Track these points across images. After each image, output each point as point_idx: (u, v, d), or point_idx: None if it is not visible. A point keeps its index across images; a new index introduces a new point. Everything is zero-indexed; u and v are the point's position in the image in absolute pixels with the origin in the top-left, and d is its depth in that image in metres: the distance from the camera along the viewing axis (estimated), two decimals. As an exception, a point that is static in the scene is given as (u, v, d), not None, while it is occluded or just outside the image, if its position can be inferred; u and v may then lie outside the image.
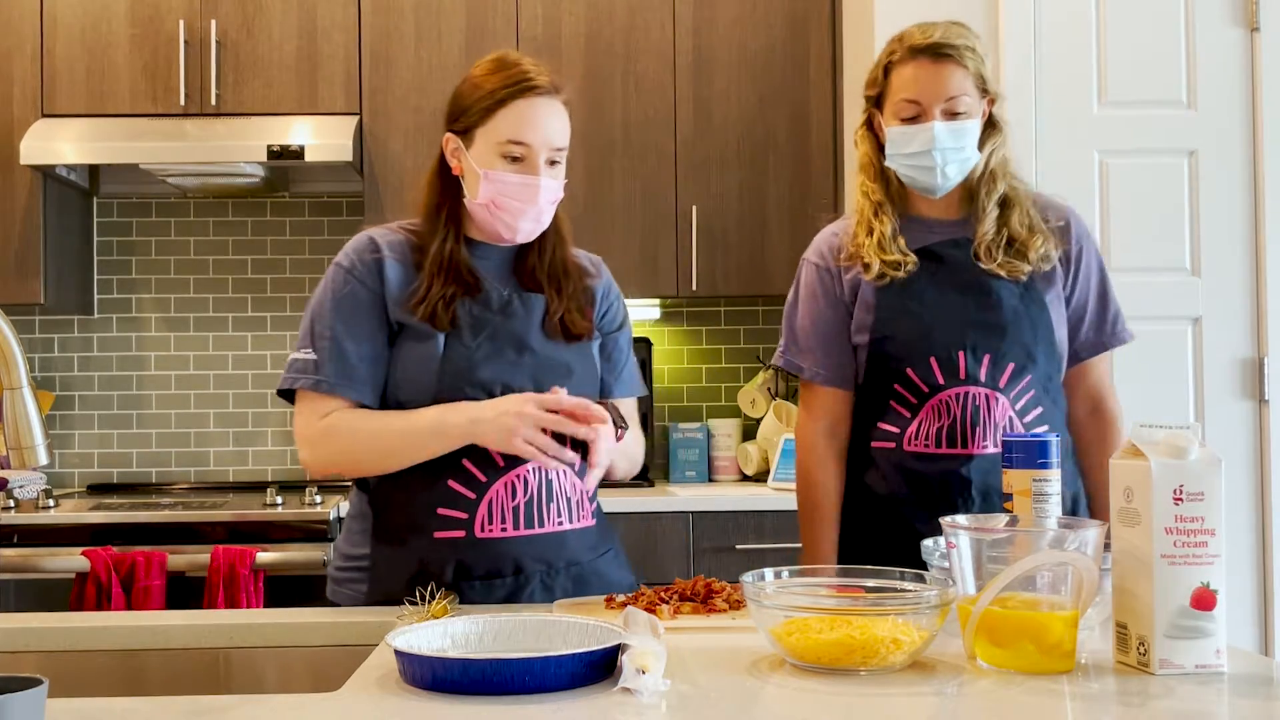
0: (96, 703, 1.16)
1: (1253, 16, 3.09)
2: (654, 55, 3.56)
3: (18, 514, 3.12)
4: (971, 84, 1.89)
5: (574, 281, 1.81)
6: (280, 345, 3.87)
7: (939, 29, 1.90)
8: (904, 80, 1.90)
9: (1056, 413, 1.94)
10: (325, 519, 3.12)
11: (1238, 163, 3.10)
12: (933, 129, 1.88)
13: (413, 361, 1.70)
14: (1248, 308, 3.08)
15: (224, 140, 3.40)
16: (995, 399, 1.89)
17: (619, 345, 1.90)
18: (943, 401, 1.90)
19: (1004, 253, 1.92)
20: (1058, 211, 1.99)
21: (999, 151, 1.96)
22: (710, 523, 3.19)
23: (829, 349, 2.02)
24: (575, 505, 1.75)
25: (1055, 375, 1.95)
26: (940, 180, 1.92)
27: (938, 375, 1.90)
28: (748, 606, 1.30)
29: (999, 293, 1.91)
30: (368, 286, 1.74)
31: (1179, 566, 1.21)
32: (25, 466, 1.45)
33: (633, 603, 1.53)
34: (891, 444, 1.95)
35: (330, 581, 1.80)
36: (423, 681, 1.18)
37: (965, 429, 1.89)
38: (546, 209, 1.74)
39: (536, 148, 1.71)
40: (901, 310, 1.94)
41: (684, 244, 3.54)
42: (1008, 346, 1.90)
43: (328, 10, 3.53)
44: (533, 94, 1.71)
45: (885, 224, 1.96)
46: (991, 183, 1.95)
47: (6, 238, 3.46)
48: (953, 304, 1.92)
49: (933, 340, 1.91)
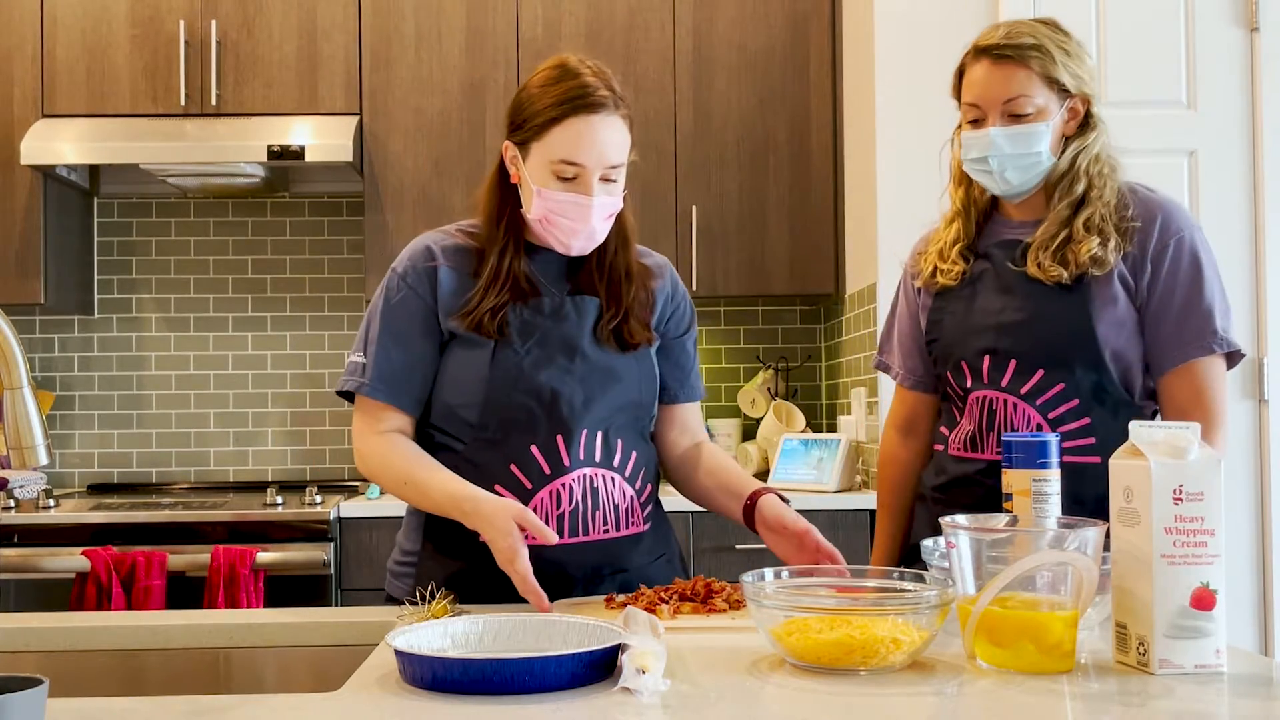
0: (96, 703, 1.16)
1: (1253, 16, 3.09)
2: (654, 55, 3.56)
3: (18, 514, 3.12)
4: (1038, 84, 1.81)
5: (635, 286, 1.77)
6: (280, 345, 3.87)
7: (1005, 29, 1.85)
8: (969, 83, 1.87)
9: (1116, 425, 1.77)
10: (325, 519, 3.12)
11: (1238, 163, 3.10)
12: (989, 135, 1.83)
13: (464, 367, 1.71)
14: (1248, 308, 3.08)
15: (224, 140, 3.40)
16: (1015, 405, 1.83)
17: (685, 349, 1.88)
18: (970, 405, 1.90)
19: (1051, 255, 1.82)
20: (1143, 209, 1.85)
21: (1088, 151, 1.85)
22: (710, 523, 3.19)
23: (907, 351, 2.05)
24: (625, 513, 1.74)
25: (1110, 385, 1.81)
26: (1002, 185, 1.86)
27: (967, 378, 1.90)
28: (748, 606, 1.30)
29: (1032, 296, 1.83)
30: (419, 295, 1.73)
31: (1179, 566, 1.21)
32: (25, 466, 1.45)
33: (633, 603, 1.53)
34: (942, 446, 1.98)
35: (388, 574, 1.83)
36: (423, 681, 1.18)
37: (982, 433, 1.88)
38: (600, 226, 1.71)
39: (590, 167, 1.65)
40: (943, 312, 1.95)
41: (684, 244, 3.54)
42: (1034, 352, 1.82)
43: (328, 10, 3.53)
44: (588, 112, 1.64)
45: (951, 232, 1.95)
46: (1071, 184, 1.85)
47: (6, 238, 3.46)
48: (983, 307, 1.89)
49: (961, 343, 1.90)
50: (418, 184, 3.54)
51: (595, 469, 1.71)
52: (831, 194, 3.57)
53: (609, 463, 1.72)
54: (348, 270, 3.88)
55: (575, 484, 1.69)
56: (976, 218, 1.95)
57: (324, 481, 3.72)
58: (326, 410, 3.87)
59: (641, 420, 1.78)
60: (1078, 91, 1.85)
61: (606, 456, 1.72)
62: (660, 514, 1.85)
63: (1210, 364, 1.82)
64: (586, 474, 1.70)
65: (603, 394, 1.72)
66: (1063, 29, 1.88)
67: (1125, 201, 1.86)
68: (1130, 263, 1.82)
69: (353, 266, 3.87)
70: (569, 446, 1.69)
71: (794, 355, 3.93)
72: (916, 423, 2.06)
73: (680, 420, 1.88)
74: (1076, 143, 1.86)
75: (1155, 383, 1.85)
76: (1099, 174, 1.85)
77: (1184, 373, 1.82)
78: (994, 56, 1.83)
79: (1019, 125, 1.82)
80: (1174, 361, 1.82)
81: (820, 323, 3.95)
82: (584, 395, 1.70)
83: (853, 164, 3.46)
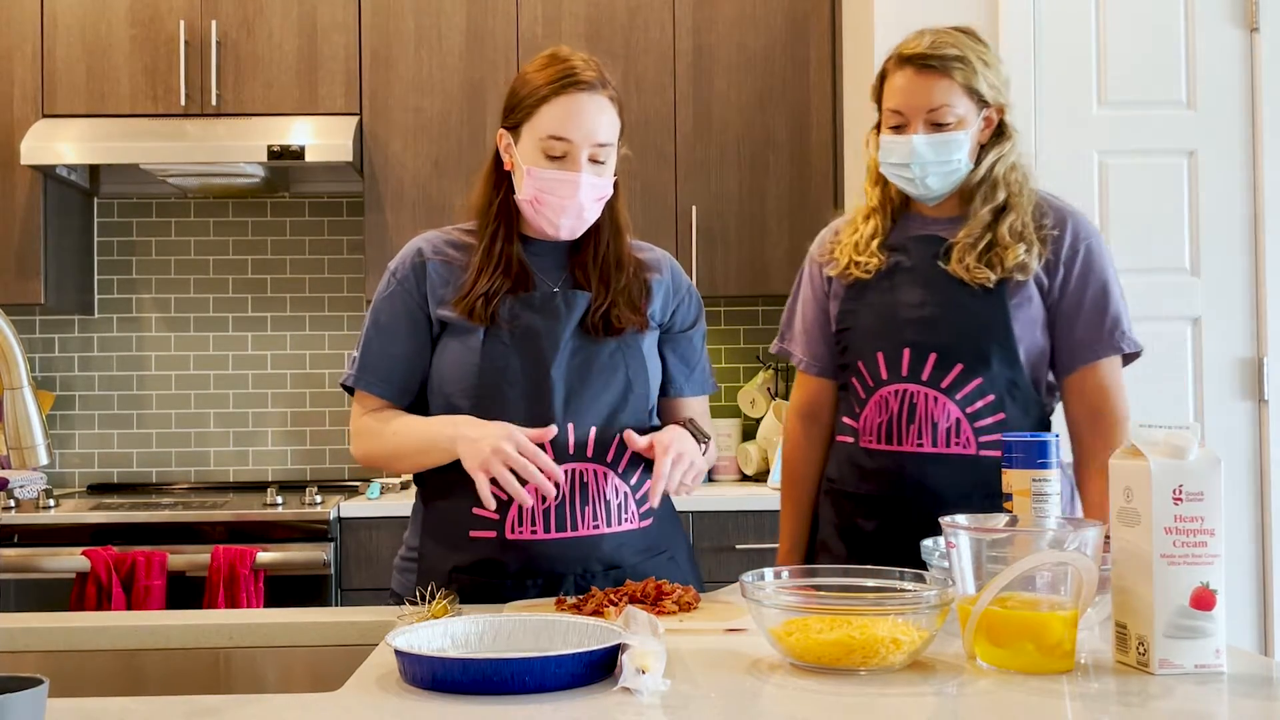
0: (96, 703, 1.16)
1: (1253, 16, 3.09)
2: (654, 55, 3.56)
3: (18, 514, 3.12)
4: (960, 95, 1.87)
5: (625, 275, 1.79)
6: (280, 345, 3.87)
7: (929, 38, 1.89)
8: (892, 90, 1.92)
9: (1027, 420, 1.89)
10: (325, 519, 3.12)
11: (1238, 163, 3.09)
12: (911, 142, 1.88)
13: (454, 357, 1.74)
14: (1247, 308, 3.08)
15: (224, 140, 3.40)
16: (935, 398, 1.88)
17: (692, 344, 1.90)
18: (884, 397, 1.92)
19: (977, 258, 1.89)
20: (1057, 217, 1.94)
21: (1005, 160, 1.93)
22: (710, 522, 3.19)
23: (812, 338, 2.08)
24: (618, 509, 1.74)
25: (1022, 384, 1.89)
26: (922, 190, 1.92)
27: (882, 370, 1.93)
28: (748, 606, 1.30)
29: (956, 294, 1.89)
30: (406, 289, 1.79)
31: (1179, 566, 1.21)
32: (25, 466, 1.45)
33: (581, 605, 1.53)
34: (850, 438, 1.99)
35: (394, 570, 1.86)
36: (423, 681, 1.18)
37: (901, 425, 1.90)
38: (588, 206, 1.73)
39: (578, 143, 1.70)
40: (859, 302, 1.97)
41: (684, 244, 3.54)
42: (955, 347, 1.88)
43: (328, 10, 3.53)
44: (575, 89, 1.69)
45: (869, 227, 1.99)
46: (990, 190, 1.92)
47: (6, 238, 3.46)
48: (905, 300, 1.93)
49: (881, 335, 1.93)
50: (418, 184, 3.54)
51: (586, 464, 1.71)
52: (831, 194, 3.56)
53: (602, 458, 1.72)
54: (348, 270, 3.88)
55: (562, 479, 1.69)
56: (893, 215, 2.01)
57: (324, 481, 3.72)
58: (326, 410, 3.87)
59: (639, 414, 1.78)
60: (994, 101, 1.92)
61: (600, 452, 1.72)
62: (668, 512, 1.85)
63: (1115, 363, 1.94)
64: (576, 468, 1.71)
65: (589, 387, 1.73)
66: (981, 39, 1.94)
67: (1042, 209, 1.95)
68: (1045, 266, 1.91)
69: (353, 266, 3.87)
70: (555, 440, 1.69)
71: (794, 355, 3.93)
72: (820, 410, 2.09)
73: (683, 414, 1.88)
74: (994, 151, 1.93)
75: (1060, 379, 1.95)
76: (1017, 182, 1.94)
77: (1091, 371, 1.92)
78: (919, 66, 1.88)
79: (940, 134, 1.89)
80: (1084, 360, 1.92)
81: (820, 323, 3.95)
82: (568, 388, 1.71)
83: (852, 164, 3.45)
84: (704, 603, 1.60)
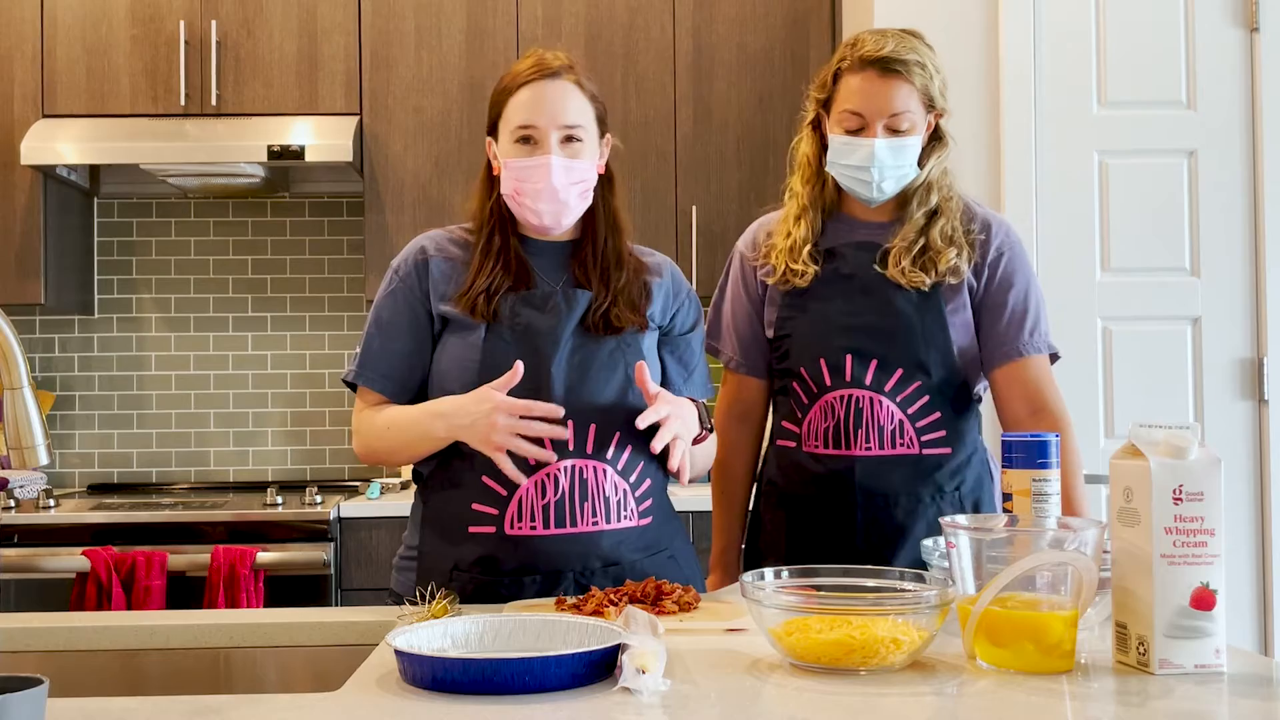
0: (96, 703, 1.16)
1: (1253, 17, 3.09)
2: (654, 55, 3.56)
3: (18, 514, 3.12)
4: (917, 100, 1.88)
5: (625, 275, 1.81)
6: (280, 345, 3.87)
7: (890, 41, 1.88)
8: (850, 90, 1.90)
9: (960, 421, 1.93)
10: (325, 519, 3.12)
11: (1238, 163, 3.10)
12: (874, 146, 1.87)
13: (455, 354, 1.75)
14: (1247, 308, 3.08)
15: (224, 140, 3.40)
16: (879, 402, 1.89)
17: (691, 347, 1.91)
18: (829, 403, 1.92)
19: (912, 261, 1.90)
20: (982, 222, 1.97)
21: (940, 165, 1.95)
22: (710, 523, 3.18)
23: (742, 337, 2.06)
24: (617, 506, 1.74)
25: (955, 383, 1.92)
26: (876, 194, 1.92)
27: (825, 376, 1.92)
28: (748, 606, 1.30)
29: (894, 300, 1.90)
30: (408, 286, 1.80)
31: (1179, 566, 1.21)
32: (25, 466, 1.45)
33: (581, 605, 1.53)
34: (793, 443, 1.99)
35: (393, 570, 1.86)
36: (423, 681, 1.18)
37: (848, 430, 1.91)
38: (564, 189, 1.74)
39: (544, 127, 1.74)
40: (799, 310, 1.97)
41: (684, 244, 3.54)
42: (895, 352, 1.89)
43: (328, 10, 3.53)
44: (539, 79, 1.74)
45: (802, 229, 1.98)
46: (926, 194, 1.93)
47: (6, 238, 3.46)
48: (845, 308, 1.93)
49: (822, 342, 1.93)
50: (418, 184, 3.54)
51: (585, 460, 1.71)
52: (831, 194, 3.56)
53: (602, 455, 1.73)
54: (348, 270, 3.88)
55: (562, 474, 1.70)
56: (824, 216, 2.00)
57: (324, 481, 3.72)
58: (326, 410, 3.87)
59: (637, 412, 1.77)
60: (939, 107, 1.93)
61: (599, 449, 1.73)
62: (667, 511, 1.85)
63: (1044, 361, 1.96)
64: (575, 465, 1.71)
65: (588, 384, 1.73)
66: (927, 41, 1.95)
67: (970, 214, 1.97)
68: (973, 268, 1.94)
69: (353, 266, 3.87)
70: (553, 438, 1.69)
71: (794, 355, 3.93)
72: (751, 408, 2.10)
73: None
74: (934, 156, 1.95)
75: (989, 374, 1.96)
76: (948, 186, 1.97)
77: (1024, 368, 1.94)
78: (881, 69, 1.87)
79: (900, 138, 1.89)
80: (1008, 356, 1.93)
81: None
82: (567, 385, 1.72)
83: (853, 164, 3.46)
84: (704, 603, 1.60)
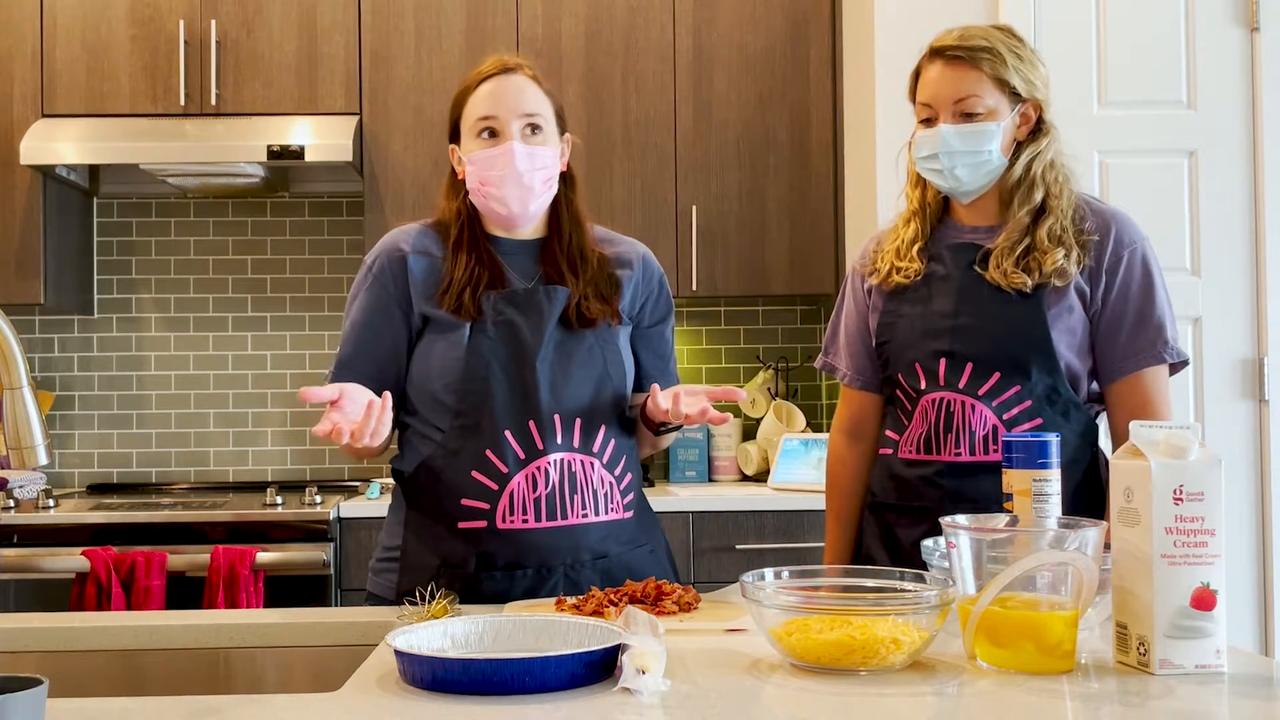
0: (96, 703, 1.16)
1: (1253, 16, 3.09)
2: (654, 55, 3.56)
3: (18, 514, 3.12)
4: (989, 85, 1.85)
5: (591, 268, 1.82)
6: (280, 345, 3.87)
7: (959, 31, 1.88)
8: (922, 84, 1.91)
9: (1067, 426, 1.85)
10: (325, 519, 3.12)
11: (1238, 163, 3.09)
12: (940, 132, 1.86)
13: (440, 353, 1.76)
14: (1248, 308, 3.08)
15: (224, 140, 3.40)
16: (973, 406, 1.85)
17: (664, 337, 1.93)
18: (924, 408, 1.90)
19: (1014, 263, 1.85)
20: (1099, 221, 1.89)
21: (1042, 157, 1.89)
22: (710, 523, 3.18)
23: (855, 352, 2.06)
24: (604, 498, 1.76)
25: (1062, 389, 1.85)
26: (951, 182, 1.89)
27: (921, 380, 1.90)
28: (748, 606, 1.30)
29: (990, 301, 1.86)
30: (384, 284, 1.81)
31: (1179, 566, 1.21)
32: (25, 466, 1.45)
33: (581, 605, 1.53)
34: (890, 449, 1.97)
35: (370, 573, 1.86)
36: (423, 681, 1.18)
37: (938, 435, 1.88)
38: (529, 175, 1.76)
39: (504, 118, 1.77)
40: (897, 315, 1.95)
41: (684, 244, 3.54)
42: (991, 355, 1.85)
43: (328, 10, 3.53)
44: (494, 76, 1.80)
45: (910, 231, 1.96)
46: (1028, 191, 1.88)
47: (6, 238, 3.46)
48: (940, 309, 1.90)
49: (916, 345, 1.91)
50: (418, 184, 3.54)
51: (574, 454, 1.73)
52: (831, 194, 3.56)
53: (588, 448, 1.75)
54: (348, 270, 3.88)
55: (552, 468, 1.71)
56: (931, 220, 1.98)
57: (324, 481, 3.72)
58: (326, 410, 3.86)
59: (619, 405, 1.81)
60: (1029, 96, 1.89)
61: (586, 442, 1.74)
62: (645, 505, 1.87)
63: (1159, 373, 1.88)
64: (564, 458, 1.72)
65: (571, 378, 1.75)
66: (1017, 35, 1.92)
67: (1082, 213, 1.90)
68: (1086, 274, 1.87)
69: (353, 267, 3.86)
70: (542, 431, 1.71)
71: (794, 355, 3.93)
72: (864, 425, 2.07)
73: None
74: (1030, 148, 1.90)
75: (1103, 389, 1.90)
76: (1055, 181, 1.90)
77: (1135, 381, 1.87)
78: (947, 58, 1.87)
79: (969, 124, 1.86)
80: (1126, 370, 1.87)
81: (820, 323, 3.94)
82: (553, 379, 1.73)
83: (853, 164, 3.45)
84: (704, 603, 1.60)
